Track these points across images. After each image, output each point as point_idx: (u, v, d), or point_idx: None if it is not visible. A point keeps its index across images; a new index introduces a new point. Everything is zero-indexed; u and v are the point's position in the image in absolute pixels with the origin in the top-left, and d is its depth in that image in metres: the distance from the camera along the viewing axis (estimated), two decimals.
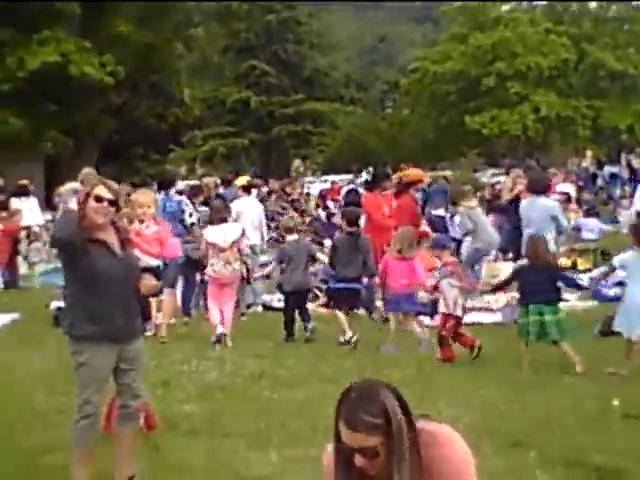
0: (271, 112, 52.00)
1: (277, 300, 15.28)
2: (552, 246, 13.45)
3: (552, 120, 33.95)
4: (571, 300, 14.59)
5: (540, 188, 14.31)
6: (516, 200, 18.02)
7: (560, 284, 10.83)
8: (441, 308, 11.22)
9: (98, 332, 6.11)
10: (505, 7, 39.96)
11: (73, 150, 38.08)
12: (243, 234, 13.41)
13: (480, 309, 14.16)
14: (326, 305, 14.38)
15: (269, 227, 17.73)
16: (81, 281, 6.13)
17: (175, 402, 8.74)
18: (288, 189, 21.57)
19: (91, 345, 6.12)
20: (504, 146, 42.95)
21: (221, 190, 19.65)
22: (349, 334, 12.09)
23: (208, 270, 12.68)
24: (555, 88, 34.79)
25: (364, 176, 34.32)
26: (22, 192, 23.63)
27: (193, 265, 13.98)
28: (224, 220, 12.91)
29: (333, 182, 33.64)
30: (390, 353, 11.17)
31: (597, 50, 34.73)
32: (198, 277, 14.52)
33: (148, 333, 8.46)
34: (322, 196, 29.56)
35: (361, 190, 25.35)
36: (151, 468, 6.73)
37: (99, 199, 6.17)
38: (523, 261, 10.75)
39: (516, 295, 13.88)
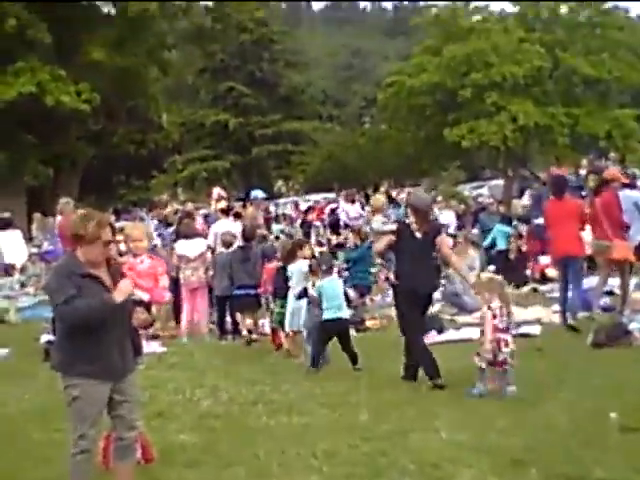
0: (250, 133, 52.02)
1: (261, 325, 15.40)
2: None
3: (530, 129, 33.97)
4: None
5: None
6: None
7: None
8: None
9: (92, 369, 6.10)
10: (476, 17, 39.86)
11: (54, 180, 37.93)
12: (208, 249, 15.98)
13: (471, 324, 14.11)
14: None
15: None
16: None
17: (171, 433, 8.70)
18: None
19: (85, 379, 6.10)
20: (484, 158, 42.96)
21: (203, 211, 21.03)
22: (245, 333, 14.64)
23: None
24: (531, 97, 34.79)
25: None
26: (5, 225, 23.46)
27: None
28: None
29: (316, 202, 33.79)
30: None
31: (571, 57, 34.82)
32: None
33: (141, 367, 8.43)
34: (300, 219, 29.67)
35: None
36: None
37: (107, 243, 6.23)
38: None
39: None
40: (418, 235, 10.52)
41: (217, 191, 19.86)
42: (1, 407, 10.28)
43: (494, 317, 9.70)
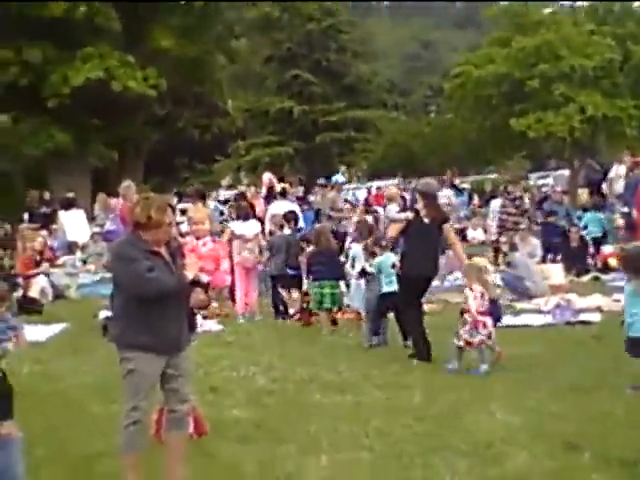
0: (314, 120, 51.83)
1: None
2: None
3: (598, 121, 33.54)
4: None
5: None
6: None
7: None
8: None
9: (149, 342, 6.15)
10: (547, 10, 39.49)
11: (119, 163, 38.28)
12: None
13: (530, 311, 14.04)
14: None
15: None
16: None
17: (225, 408, 8.75)
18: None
19: (140, 352, 6.15)
20: (549, 148, 42.49)
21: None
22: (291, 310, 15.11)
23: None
24: (600, 89, 34.35)
25: None
26: (68, 205, 23.80)
27: None
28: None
29: (378, 188, 33.53)
30: None
31: None
32: None
33: (194, 343, 8.52)
34: (367, 203, 29.46)
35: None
36: (203, 474, 6.75)
37: (170, 223, 6.30)
38: None
39: (567, 297, 13.81)
40: (426, 221, 11.09)
41: (268, 176, 20.17)
42: (60, 381, 10.38)
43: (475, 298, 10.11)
